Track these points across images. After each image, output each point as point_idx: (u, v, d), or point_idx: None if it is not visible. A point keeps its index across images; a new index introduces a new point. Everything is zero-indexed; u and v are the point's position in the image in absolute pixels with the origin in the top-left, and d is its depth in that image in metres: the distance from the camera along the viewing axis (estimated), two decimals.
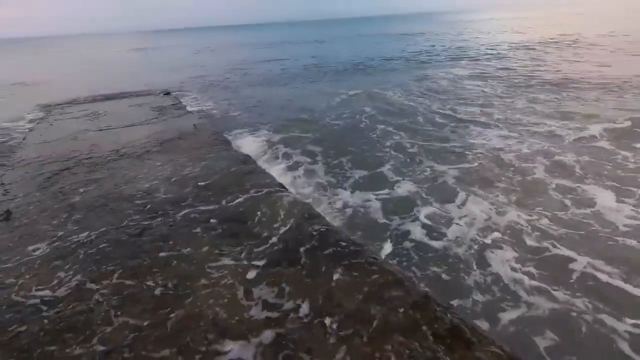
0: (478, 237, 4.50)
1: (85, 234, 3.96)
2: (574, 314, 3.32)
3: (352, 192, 5.55)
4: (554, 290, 3.59)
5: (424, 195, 5.42)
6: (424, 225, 4.77)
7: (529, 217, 4.82)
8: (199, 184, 5.04)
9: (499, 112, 9.05)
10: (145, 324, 2.71)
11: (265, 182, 5.02)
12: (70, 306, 2.91)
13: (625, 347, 3.00)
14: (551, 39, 24.93)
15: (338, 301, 2.80)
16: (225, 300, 2.91)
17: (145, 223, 4.12)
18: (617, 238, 4.29)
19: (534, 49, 21.38)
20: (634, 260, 3.87)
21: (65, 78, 19.83)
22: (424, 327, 2.46)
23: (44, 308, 2.91)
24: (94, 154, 6.58)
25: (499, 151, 6.76)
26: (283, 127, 8.57)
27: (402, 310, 2.63)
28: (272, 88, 13.86)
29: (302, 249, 3.52)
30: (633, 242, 4.17)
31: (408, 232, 4.66)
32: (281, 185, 4.93)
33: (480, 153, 6.71)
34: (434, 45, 26.20)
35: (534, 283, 3.73)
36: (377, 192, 5.42)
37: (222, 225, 4.00)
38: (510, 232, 4.54)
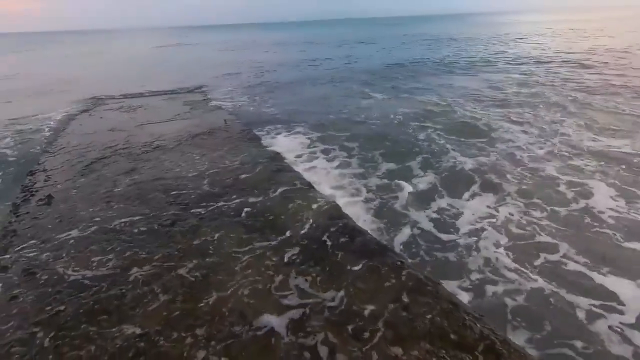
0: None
1: (120, 221, 4.11)
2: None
3: (379, 186, 5.43)
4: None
5: (442, 188, 5.34)
6: (434, 218, 4.73)
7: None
8: (229, 178, 5.13)
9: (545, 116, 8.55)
10: (176, 310, 2.79)
11: (294, 179, 5.07)
12: (105, 289, 3.02)
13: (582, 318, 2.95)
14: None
15: (363, 301, 2.79)
16: (251, 292, 2.96)
17: (177, 214, 4.23)
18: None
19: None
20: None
21: (100, 73, 20.63)
22: (452, 336, 2.41)
23: (81, 290, 3.03)
24: (130, 145, 6.81)
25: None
26: (314, 126, 8.39)
27: (429, 316, 2.59)
28: (304, 87, 13.51)
29: (327, 247, 3.54)
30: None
31: (422, 223, 4.58)
32: (309, 184, 4.96)
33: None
34: (504, 52, 22.25)
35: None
36: (401, 186, 5.29)
37: (249, 220, 4.06)
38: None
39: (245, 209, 4.31)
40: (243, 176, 5.20)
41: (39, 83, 16.56)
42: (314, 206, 4.33)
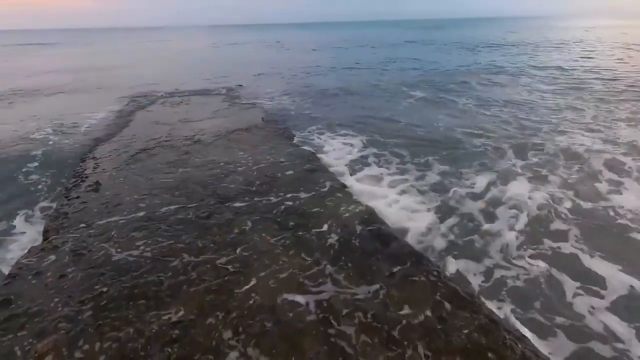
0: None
1: (160, 210, 4.26)
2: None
3: (430, 192, 5.28)
4: None
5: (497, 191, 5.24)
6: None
7: None
8: (264, 175, 5.20)
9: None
10: (210, 300, 2.85)
11: (329, 179, 5.06)
12: (144, 275, 3.14)
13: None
14: None
15: (396, 309, 2.73)
16: (283, 288, 2.97)
17: (213, 207, 4.33)
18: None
19: None
20: None
21: (148, 68, 21.63)
22: (490, 355, 2.31)
23: (122, 273, 3.16)
24: (172, 138, 7.06)
25: None
26: (359, 129, 8.12)
27: (466, 331, 2.49)
28: (348, 88, 13.13)
29: (360, 250, 3.50)
30: None
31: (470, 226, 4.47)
32: (344, 185, 4.94)
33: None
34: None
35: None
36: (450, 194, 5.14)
37: (283, 218, 4.09)
38: None
39: (279, 207, 4.34)
40: (278, 174, 5.25)
41: (110, 77, 17.54)
42: (349, 208, 4.30)
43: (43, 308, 2.78)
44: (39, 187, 5.65)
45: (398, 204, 4.98)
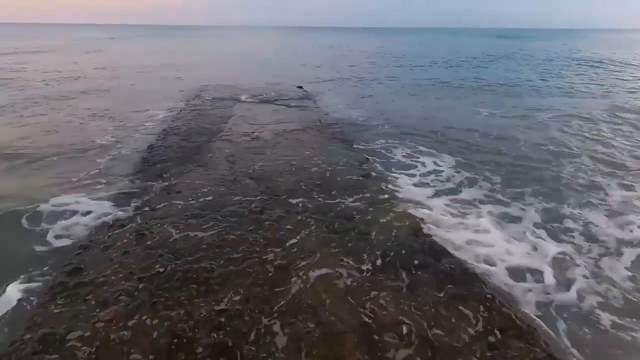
0: None
1: (217, 200, 4.47)
2: None
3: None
4: None
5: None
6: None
7: None
8: (317, 177, 5.26)
9: None
10: (256, 293, 2.94)
11: (382, 187, 5.01)
12: (197, 261, 3.31)
13: None
14: None
15: (443, 329, 2.63)
16: (326, 292, 2.98)
17: (266, 203, 4.46)
18: None
19: None
20: None
21: (215, 63, 22.83)
22: None
23: (178, 257, 3.36)
24: (232, 133, 7.38)
25: None
26: (431, 142, 7.57)
27: None
28: (421, 97, 12.52)
29: (409, 264, 3.41)
30: None
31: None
32: (396, 194, 4.87)
33: None
34: None
35: None
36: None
37: (332, 220, 4.10)
38: None
39: (330, 209, 4.37)
40: (332, 176, 5.29)
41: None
42: (401, 217, 4.22)
43: (107, 280, 3.03)
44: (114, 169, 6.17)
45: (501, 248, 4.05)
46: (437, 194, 5.23)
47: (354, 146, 6.91)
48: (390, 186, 5.18)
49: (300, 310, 2.80)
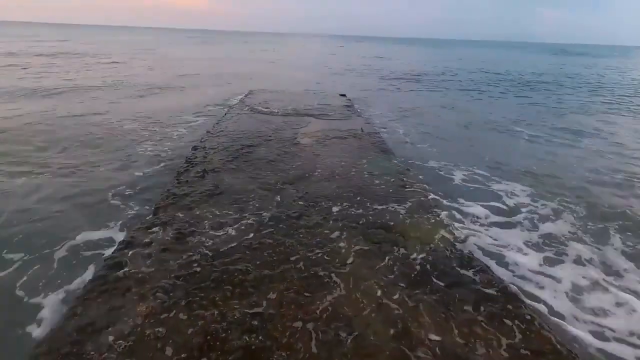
0: None
1: (256, 204, 4.48)
2: None
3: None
4: None
5: None
6: None
7: None
8: (356, 185, 5.16)
9: None
10: (289, 298, 2.88)
11: (421, 198, 4.82)
12: (233, 263, 3.30)
13: None
14: None
15: (478, 351, 2.44)
16: (360, 303, 2.87)
17: (304, 208, 4.41)
18: None
19: None
20: None
21: (262, 70, 23.44)
22: None
23: (214, 257, 3.37)
24: (274, 138, 7.45)
25: None
26: (489, 167, 7.14)
27: None
28: (478, 115, 11.69)
29: (445, 278, 3.23)
30: None
31: None
32: (436, 204, 4.67)
33: None
34: None
35: None
36: None
37: (369, 230, 3.98)
38: None
39: (368, 218, 4.25)
40: (370, 185, 5.17)
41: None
42: (438, 229, 4.03)
43: (146, 276, 3.08)
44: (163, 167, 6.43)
45: None
46: (485, 213, 5.02)
47: (395, 156, 6.74)
48: (430, 198, 4.98)
49: (334, 319, 2.70)
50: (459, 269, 3.37)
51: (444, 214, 4.57)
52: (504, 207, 5.51)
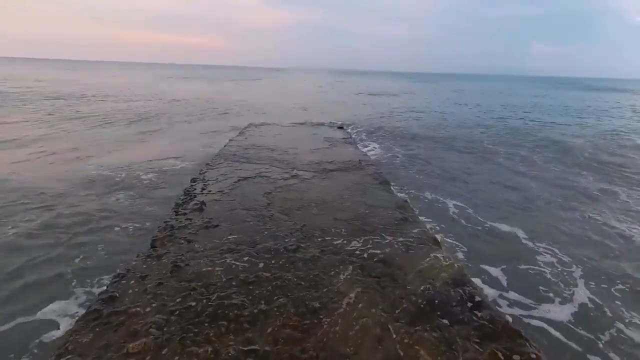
0: None
1: (252, 237, 4.45)
2: None
3: None
4: None
5: None
6: None
7: None
8: (354, 218, 5.16)
9: None
10: (285, 335, 2.81)
11: (420, 232, 4.80)
12: (229, 297, 3.24)
13: None
14: None
15: None
16: (359, 340, 2.80)
17: (301, 241, 4.39)
18: None
19: None
20: None
21: (265, 101, 23.99)
22: None
23: (210, 291, 3.31)
24: (272, 170, 7.51)
25: None
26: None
27: None
28: (485, 153, 11.44)
29: (445, 315, 3.16)
30: None
31: None
32: (435, 240, 4.63)
33: None
34: None
35: None
36: None
37: (368, 263, 3.94)
38: None
39: (366, 251, 4.22)
40: (369, 218, 5.16)
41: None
42: (437, 265, 3.99)
43: (140, 310, 3.02)
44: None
45: None
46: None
47: (393, 189, 6.78)
48: (425, 228, 4.96)
49: (331, 357, 2.62)
50: (460, 305, 3.31)
51: (444, 247, 4.53)
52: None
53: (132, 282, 3.43)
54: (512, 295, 4.62)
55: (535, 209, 7.30)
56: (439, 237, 5.35)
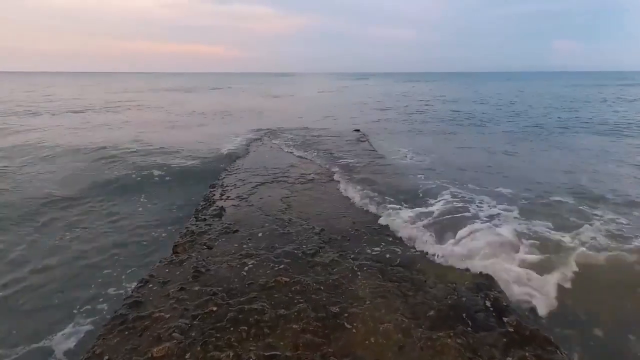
0: None
1: (272, 242, 4.48)
2: None
3: None
4: None
5: None
6: None
7: None
8: (373, 222, 5.15)
9: None
10: (306, 340, 2.81)
11: None
12: (250, 302, 3.26)
13: None
14: None
15: None
16: (380, 345, 2.77)
17: (320, 246, 4.39)
18: None
19: None
20: None
21: (280, 107, 24.15)
22: None
23: (231, 297, 3.34)
24: (288, 175, 7.55)
25: None
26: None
27: None
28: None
29: (470, 321, 3.08)
30: None
31: None
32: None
33: None
34: None
35: None
36: None
37: (389, 268, 3.91)
38: None
39: (385, 255, 4.19)
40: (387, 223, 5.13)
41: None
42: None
43: (163, 315, 3.07)
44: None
45: None
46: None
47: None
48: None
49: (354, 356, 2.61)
50: (485, 310, 3.22)
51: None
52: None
53: (155, 287, 3.50)
54: None
55: None
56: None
